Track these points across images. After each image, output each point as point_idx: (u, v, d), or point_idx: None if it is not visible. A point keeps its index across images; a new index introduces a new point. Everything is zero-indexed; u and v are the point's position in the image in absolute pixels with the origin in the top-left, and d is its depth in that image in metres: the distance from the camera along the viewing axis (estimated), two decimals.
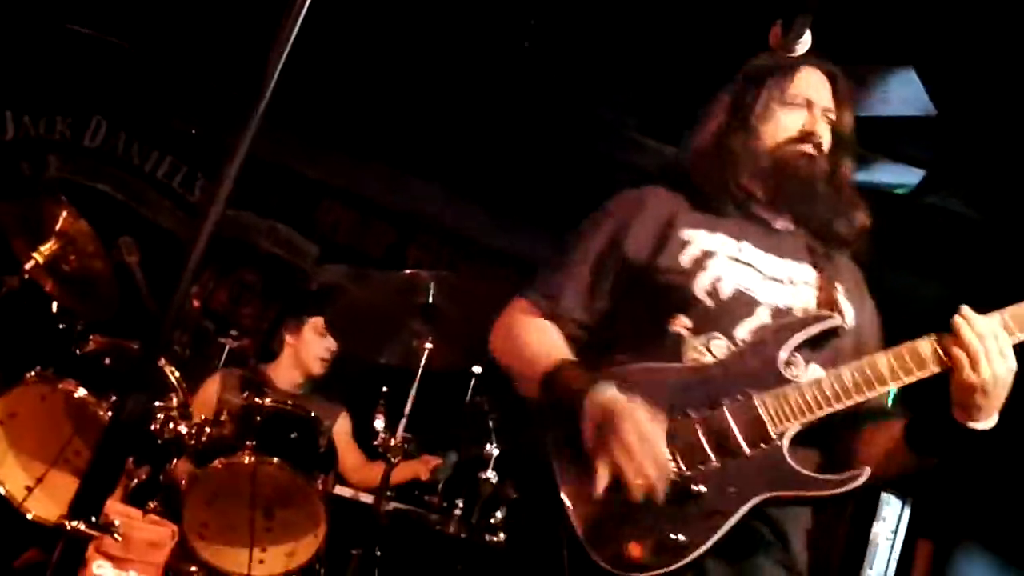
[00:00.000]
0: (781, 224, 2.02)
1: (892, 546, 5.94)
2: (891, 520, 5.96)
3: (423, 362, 3.44)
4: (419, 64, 4.99)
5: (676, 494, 1.65)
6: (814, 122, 2.01)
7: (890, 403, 1.99)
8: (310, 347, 4.35)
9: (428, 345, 3.46)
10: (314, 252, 6.29)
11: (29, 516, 3.17)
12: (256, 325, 6.03)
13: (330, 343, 4.22)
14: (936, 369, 1.73)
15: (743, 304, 1.85)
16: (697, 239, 1.93)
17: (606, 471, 1.64)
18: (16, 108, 5.83)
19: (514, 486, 4.19)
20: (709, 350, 1.81)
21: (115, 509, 2.90)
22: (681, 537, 1.62)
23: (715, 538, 1.64)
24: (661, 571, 1.62)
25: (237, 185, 1.49)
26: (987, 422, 1.72)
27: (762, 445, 1.71)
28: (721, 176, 1.99)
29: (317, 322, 4.20)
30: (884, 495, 5.86)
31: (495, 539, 4.09)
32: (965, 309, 1.73)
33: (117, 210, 5.88)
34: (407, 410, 3.46)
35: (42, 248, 3.42)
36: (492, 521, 4.12)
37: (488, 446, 3.88)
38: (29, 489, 3.19)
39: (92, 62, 5.68)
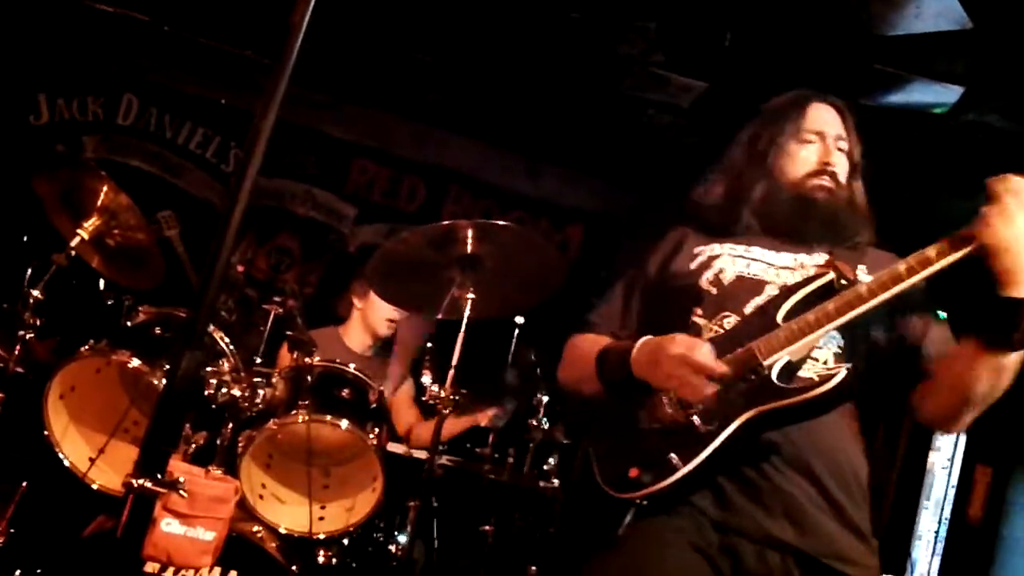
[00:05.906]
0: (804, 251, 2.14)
1: (949, 474, 5.89)
2: (947, 448, 5.90)
3: (467, 313, 3.42)
4: (438, 13, 4.94)
5: (678, 428, 1.90)
6: (828, 152, 2.17)
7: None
8: (377, 310, 4.43)
9: (471, 296, 3.43)
10: (351, 213, 6.31)
11: (94, 487, 3.23)
12: (299, 290, 6.08)
13: None
14: (957, 254, 1.81)
15: (748, 286, 2.04)
16: (705, 250, 2.16)
17: (670, 391, 1.91)
18: (49, 91, 5.89)
19: (564, 432, 4.22)
20: (722, 327, 2.00)
21: (179, 467, 2.94)
22: (673, 458, 1.85)
23: (701, 457, 1.84)
24: (654, 488, 1.84)
25: (269, 150, 1.50)
26: (1021, 288, 1.77)
27: (752, 376, 1.88)
28: (738, 210, 2.18)
29: None
30: None
31: (549, 485, 4.12)
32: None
33: (154, 185, 5.95)
34: (455, 362, 3.46)
35: (86, 224, 3.45)
36: (545, 468, 4.15)
37: (537, 394, 3.89)
38: (92, 460, 3.24)
39: (118, 40, 5.71)
